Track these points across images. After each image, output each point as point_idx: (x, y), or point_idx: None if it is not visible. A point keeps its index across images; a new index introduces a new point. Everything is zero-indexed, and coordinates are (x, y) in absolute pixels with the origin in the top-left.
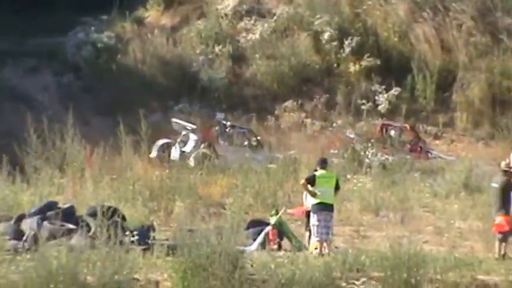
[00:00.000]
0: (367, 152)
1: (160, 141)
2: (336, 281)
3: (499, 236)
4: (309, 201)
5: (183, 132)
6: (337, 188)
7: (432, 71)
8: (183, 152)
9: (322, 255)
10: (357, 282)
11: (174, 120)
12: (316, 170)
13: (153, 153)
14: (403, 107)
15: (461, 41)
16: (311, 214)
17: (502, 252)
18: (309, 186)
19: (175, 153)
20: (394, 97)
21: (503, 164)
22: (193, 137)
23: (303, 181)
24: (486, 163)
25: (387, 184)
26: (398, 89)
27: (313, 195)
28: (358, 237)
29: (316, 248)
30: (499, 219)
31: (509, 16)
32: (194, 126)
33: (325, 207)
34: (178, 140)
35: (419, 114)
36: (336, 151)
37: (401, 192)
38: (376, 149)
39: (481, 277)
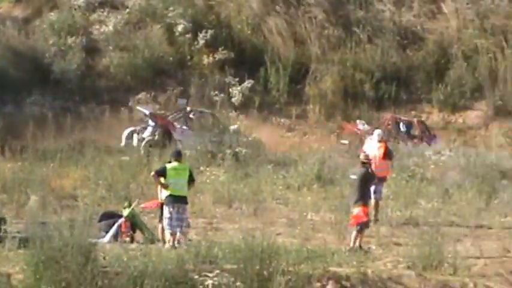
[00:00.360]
0: None
1: (127, 130)
2: (188, 273)
3: (357, 227)
4: (163, 194)
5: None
6: (191, 180)
7: (285, 63)
8: (143, 138)
9: (175, 247)
10: (209, 275)
11: (138, 107)
12: (169, 162)
13: (122, 143)
14: (256, 99)
15: (314, 34)
16: (164, 206)
17: (357, 244)
18: (161, 178)
19: (135, 139)
20: (248, 89)
21: (362, 155)
22: (151, 124)
23: (152, 173)
24: (339, 155)
25: (240, 176)
26: (252, 81)
27: (165, 187)
28: (212, 229)
29: (169, 241)
30: (357, 210)
31: (361, 9)
32: (147, 112)
33: (177, 200)
34: (139, 127)
35: (272, 107)
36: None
37: (255, 185)
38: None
39: (333, 269)
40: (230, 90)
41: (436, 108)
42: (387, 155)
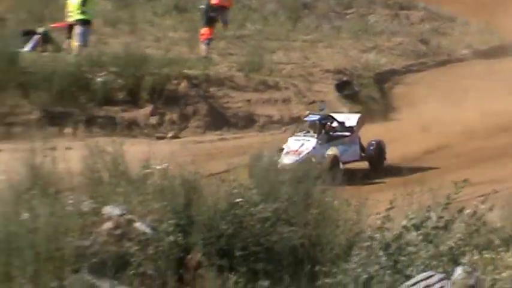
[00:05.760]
0: None
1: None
2: (84, 73)
3: (205, 41)
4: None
5: None
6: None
7: None
8: None
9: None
10: (99, 74)
11: None
12: None
13: None
14: None
15: None
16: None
17: (205, 54)
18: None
19: None
20: None
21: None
22: None
23: None
24: None
25: (122, 6)
26: None
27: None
28: (101, 43)
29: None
30: (204, 30)
31: None
32: None
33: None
34: None
35: None
36: None
37: (132, 11)
38: None
39: (186, 71)
40: None
41: None
42: None
